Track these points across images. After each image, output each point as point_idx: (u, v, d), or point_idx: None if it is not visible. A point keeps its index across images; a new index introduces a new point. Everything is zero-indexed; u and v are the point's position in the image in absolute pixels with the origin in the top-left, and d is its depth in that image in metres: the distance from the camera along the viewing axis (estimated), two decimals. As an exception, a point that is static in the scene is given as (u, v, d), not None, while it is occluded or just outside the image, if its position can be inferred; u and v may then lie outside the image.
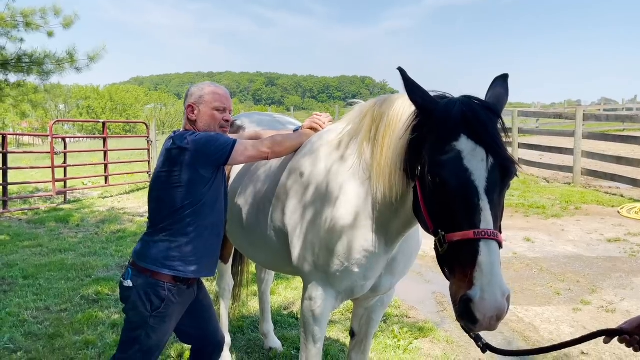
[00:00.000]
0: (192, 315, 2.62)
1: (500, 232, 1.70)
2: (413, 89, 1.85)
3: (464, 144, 1.70)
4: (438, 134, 1.76)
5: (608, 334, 1.76)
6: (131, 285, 2.39)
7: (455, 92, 1.86)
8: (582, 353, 3.98)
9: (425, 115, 1.85)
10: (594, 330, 1.87)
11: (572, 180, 11.61)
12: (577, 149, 11.49)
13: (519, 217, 8.69)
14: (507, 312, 1.60)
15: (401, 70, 1.89)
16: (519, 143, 14.12)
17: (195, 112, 2.49)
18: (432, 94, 1.90)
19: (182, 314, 2.54)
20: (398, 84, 1.90)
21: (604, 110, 30.09)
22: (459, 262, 1.68)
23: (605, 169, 11.58)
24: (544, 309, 4.89)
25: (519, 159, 13.84)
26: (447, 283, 1.76)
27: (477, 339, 1.87)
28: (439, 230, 1.76)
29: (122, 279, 2.46)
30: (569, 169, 11.94)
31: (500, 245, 1.65)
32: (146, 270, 2.39)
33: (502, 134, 1.80)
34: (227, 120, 2.53)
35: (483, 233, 1.61)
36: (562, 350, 3.98)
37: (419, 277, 5.83)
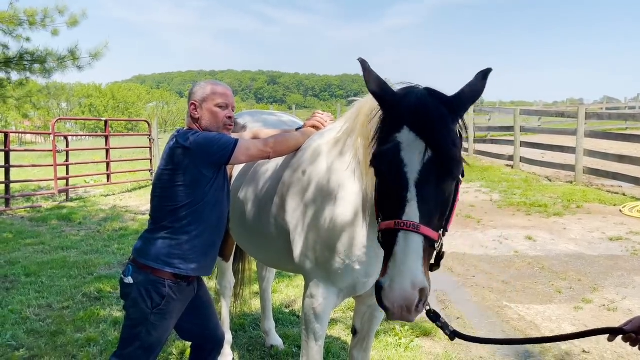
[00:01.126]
0: (192, 312, 2.63)
1: (441, 228, 1.69)
2: (370, 80, 1.84)
3: (405, 136, 1.69)
4: (386, 125, 1.78)
5: (609, 333, 1.75)
6: (132, 282, 2.40)
7: (449, 91, 1.81)
8: (584, 352, 3.98)
9: (382, 105, 1.85)
10: (594, 328, 1.87)
11: (574, 179, 11.59)
12: (579, 148, 11.46)
13: (521, 216, 8.69)
14: (422, 304, 1.59)
15: (361, 60, 1.89)
16: (521, 141, 14.10)
17: (198, 110, 2.50)
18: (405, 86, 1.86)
19: (182, 311, 2.55)
20: (400, 81, 1.90)
21: (607, 108, 30.06)
22: (384, 250, 1.70)
23: (608, 168, 11.55)
24: (546, 307, 4.89)
25: (521, 157, 13.85)
26: (449, 281, 1.77)
27: (444, 327, 1.86)
28: (378, 219, 1.79)
29: (122, 275, 2.47)
30: (571, 168, 11.92)
31: (431, 241, 1.63)
32: (147, 267, 2.40)
33: (459, 131, 1.78)
34: (230, 118, 2.53)
35: (402, 224, 1.60)
36: (564, 348, 4.00)
37: (420, 276, 5.82)
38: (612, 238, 7.10)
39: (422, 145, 1.66)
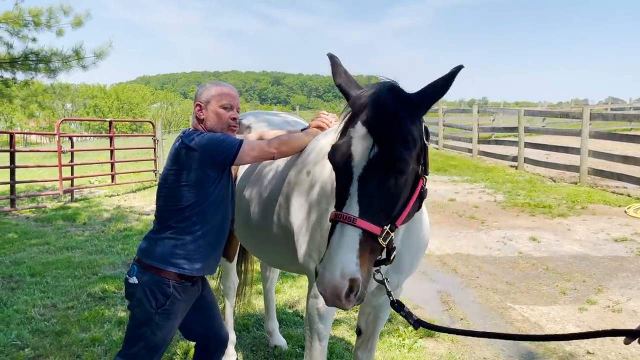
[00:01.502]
0: (196, 312, 2.65)
1: (389, 224, 1.69)
2: (336, 73, 1.91)
3: (358, 130, 1.71)
4: (346, 119, 1.82)
5: (617, 334, 1.73)
6: (136, 282, 2.42)
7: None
8: (588, 353, 3.97)
9: (346, 100, 1.89)
10: (599, 329, 1.86)
11: (579, 180, 11.55)
12: (583, 148, 11.42)
13: (525, 217, 8.67)
14: (353, 294, 1.61)
15: (330, 55, 1.96)
16: (525, 142, 14.06)
17: (203, 111, 2.51)
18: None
19: (187, 311, 2.56)
20: (405, 82, 1.90)
21: (611, 109, 29.92)
22: (328, 238, 1.74)
23: (612, 169, 11.51)
24: (550, 308, 4.88)
25: (525, 158, 13.81)
26: (453, 282, 1.78)
27: (408, 317, 1.88)
28: None
29: (127, 275, 2.49)
30: (575, 169, 11.88)
31: (371, 234, 1.64)
32: (151, 267, 2.41)
33: (424, 129, 1.78)
34: (234, 119, 2.54)
35: (340, 216, 1.65)
36: (568, 349, 3.99)
37: (424, 276, 5.82)
38: (617, 239, 7.08)
39: (371, 140, 1.68)
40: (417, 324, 1.86)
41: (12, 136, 10.82)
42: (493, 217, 8.70)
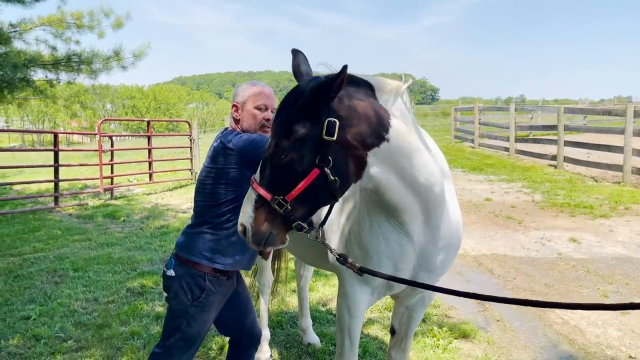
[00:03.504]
0: (230, 307, 2.70)
1: (280, 195, 1.91)
2: (293, 65, 2.15)
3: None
4: None
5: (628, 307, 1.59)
6: (174, 274, 2.50)
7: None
8: (630, 357, 3.84)
9: None
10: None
11: (622, 180, 11.15)
12: (627, 147, 11.02)
13: (565, 217, 8.43)
14: (246, 237, 2.00)
15: (293, 50, 2.18)
16: (565, 141, 13.66)
17: (240, 111, 2.56)
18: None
19: (221, 305, 2.61)
20: (438, 80, 1.90)
21: (657, 106, 28.75)
22: None
23: (658, 168, 11.07)
24: (591, 311, 4.73)
25: (564, 157, 13.42)
26: (489, 283, 1.76)
27: (352, 267, 2.11)
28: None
29: (165, 268, 2.56)
30: (618, 168, 11.48)
31: (263, 198, 1.94)
32: (188, 261, 2.48)
33: (328, 121, 1.86)
34: (268, 120, 2.57)
35: (250, 179, 2.01)
36: (609, 354, 3.87)
37: (459, 277, 5.74)
38: (663, 241, 6.80)
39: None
40: (360, 272, 2.10)
41: (56, 136, 11.20)
42: (531, 217, 8.50)
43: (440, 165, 2.23)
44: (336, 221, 2.52)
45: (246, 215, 1.97)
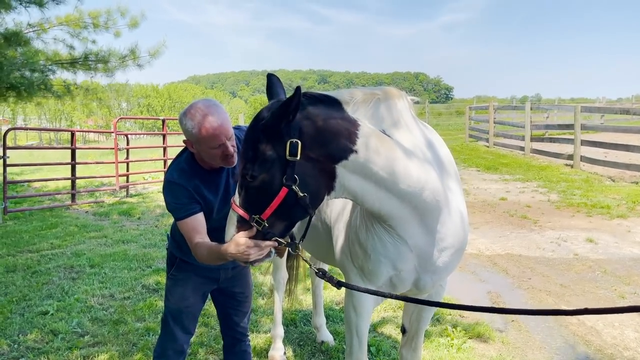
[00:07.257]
0: (216, 304, 2.93)
1: (255, 214, 1.99)
2: (268, 95, 2.23)
3: None
4: None
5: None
6: (167, 247, 2.83)
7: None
8: (649, 360, 3.79)
9: None
10: None
11: (640, 179, 10.99)
12: (645, 146, 10.85)
13: (581, 217, 8.33)
14: None
15: (268, 75, 2.31)
16: (581, 140, 13.49)
17: (195, 147, 2.38)
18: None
19: (201, 288, 2.75)
20: (453, 79, 1.89)
21: (677, 105, 28.25)
22: None
23: (677, 168, 10.88)
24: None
25: (581, 156, 13.25)
26: (503, 283, 1.75)
27: (330, 280, 2.12)
28: None
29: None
30: (636, 168, 11.31)
31: (241, 217, 2.01)
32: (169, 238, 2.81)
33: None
34: (227, 155, 2.34)
35: (232, 202, 2.07)
36: (626, 355, 3.82)
37: (473, 276, 5.71)
38: (682, 242, 6.69)
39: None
40: (339, 285, 2.13)
41: (73, 134, 11.33)
42: (546, 217, 8.42)
43: (430, 169, 2.13)
44: (342, 219, 2.56)
45: (230, 235, 2.07)
